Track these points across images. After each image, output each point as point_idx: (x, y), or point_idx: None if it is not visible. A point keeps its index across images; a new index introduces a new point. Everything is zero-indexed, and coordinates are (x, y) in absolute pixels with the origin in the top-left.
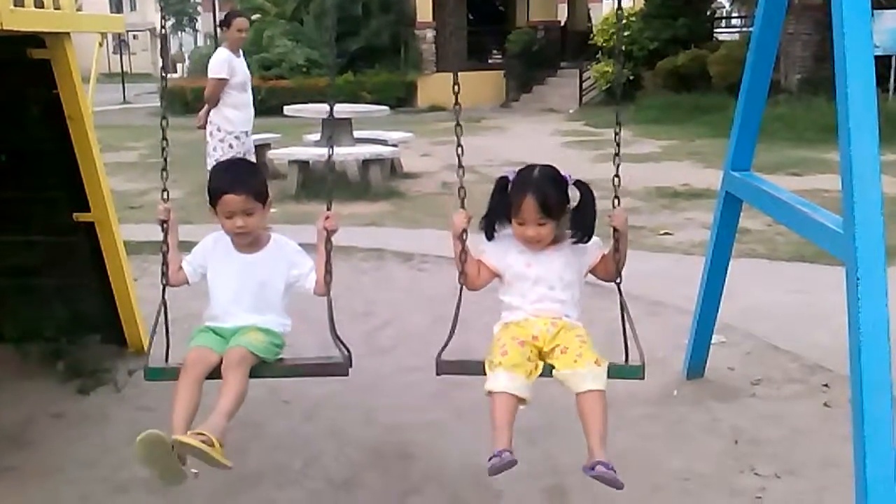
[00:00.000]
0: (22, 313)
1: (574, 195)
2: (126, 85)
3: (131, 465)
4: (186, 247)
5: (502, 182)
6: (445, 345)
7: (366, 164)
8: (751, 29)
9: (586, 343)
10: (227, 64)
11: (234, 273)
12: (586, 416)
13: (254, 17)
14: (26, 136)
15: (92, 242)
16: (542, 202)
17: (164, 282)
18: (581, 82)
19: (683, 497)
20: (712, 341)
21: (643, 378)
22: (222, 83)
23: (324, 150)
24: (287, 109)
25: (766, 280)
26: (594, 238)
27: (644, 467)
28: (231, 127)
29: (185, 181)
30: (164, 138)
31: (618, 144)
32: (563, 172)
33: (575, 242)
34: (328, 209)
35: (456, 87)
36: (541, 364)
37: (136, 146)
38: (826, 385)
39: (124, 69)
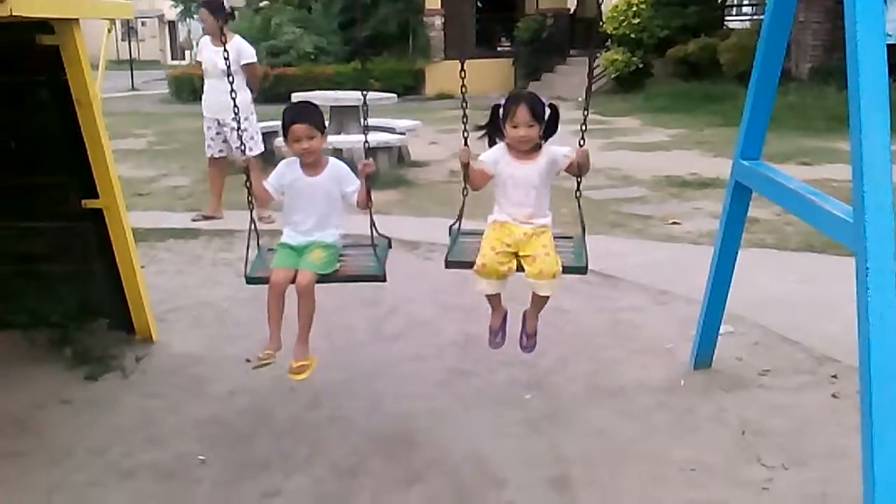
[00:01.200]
0: (30, 299)
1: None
2: (134, 72)
3: (139, 451)
4: (193, 233)
5: (496, 108)
6: (456, 224)
7: (373, 151)
8: (762, 17)
9: (549, 255)
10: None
11: (303, 192)
12: (534, 303)
13: (262, 3)
14: (35, 122)
15: (100, 229)
16: (532, 108)
17: (251, 206)
18: (590, 70)
19: (689, 487)
20: (720, 331)
21: (586, 273)
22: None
23: (331, 138)
24: (294, 97)
25: (775, 270)
26: (567, 148)
27: (650, 457)
28: (203, 110)
29: (194, 168)
30: (232, 89)
31: (587, 101)
32: (541, 97)
33: (543, 138)
34: (365, 158)
35: (463, 74)
36: (513, 266)
37: (144, 133)
38: (834, 376)
39: (133, 56)
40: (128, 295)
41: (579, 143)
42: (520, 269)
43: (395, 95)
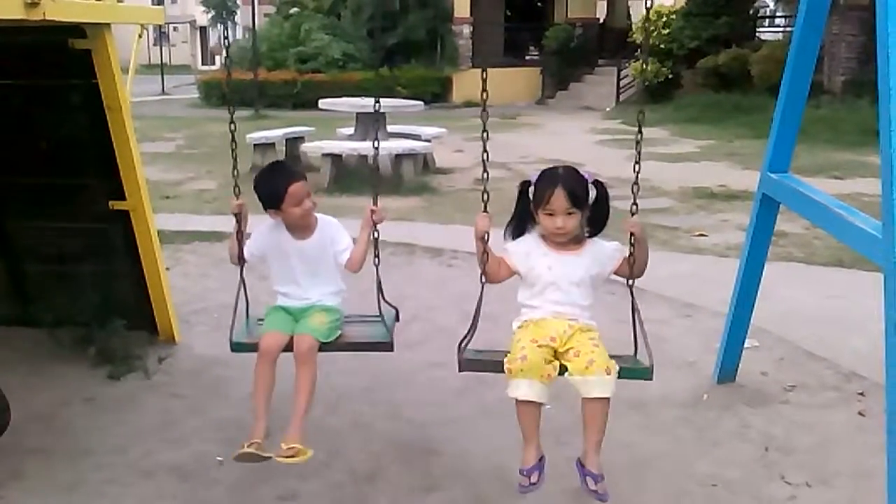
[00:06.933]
0: (57, 299)
1: (592, 193)
2: (165, 76)
3: (159, 451)
4: (218, 236)
5: (525, 186)
6: (466, 339)
7: (399, 158)
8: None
9: (599, 347)
10: None
11: (291, 259)
12: (588, 421)
13: (292, 10)
14: (66, 124)
15: (126, 230)
16: (571, 192)
17: (241, 263)
18: (619, 80)
19: (711, 502)
20: (745, 345)
21: (651, 379)
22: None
23: (357, 144)
24: (322, 103)
25: (803, 284)
26: (614, 244)
27: (672, 471)
28: None
29: (222, 173)
30: (233, 140)
31: (638, 153)
32: (582, 172)
33: (589, 236)
34: (374, 204)
35: (485, 95)
36: (557, 366)
37: (173, 137)
38: (861, 393)
39: (163, 61)
40: (152, 296)
41: (631, 211)
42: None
43: (421, 103)
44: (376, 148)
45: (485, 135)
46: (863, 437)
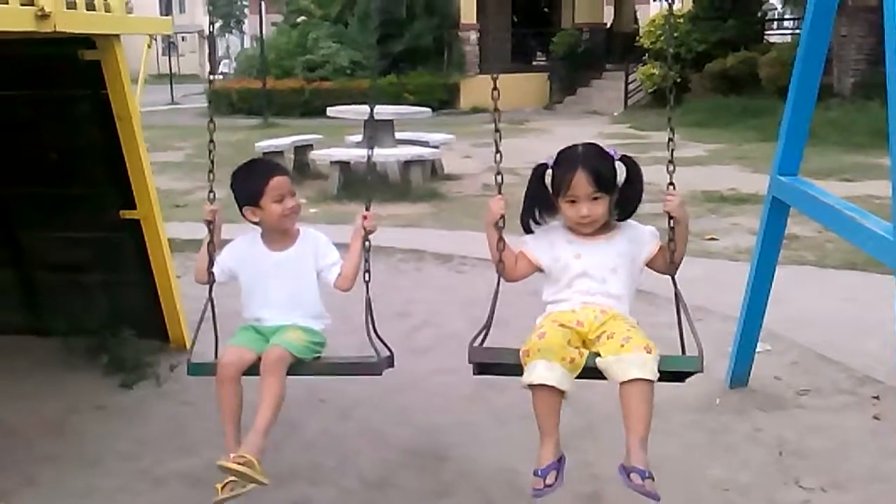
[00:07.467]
0: (69, 308)
1: (620, 172)
2: (174, 86)
3: (170, 458)
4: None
5: (541, 170)
6: (480, 334)
7: (407, 165)
8: None
9: (636, 328)
10: None
11: (268, 273)
12: (629, 410)
13: (299, 19)
14: (76, 134)
15: (137, 239)
16: (595, 174)
17: (210, 280)
18: (626, 85)
19: None
20: (757, 350)
21: (701, 370)
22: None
23: (365, 151)
24: (330, 111)
25: (815, 288)
26: (650, 228)
27: (684, 476)
28: None
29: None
30: (211, 140)
31: (671, 129)
32: (606, 148)
33: (617, 219)
34: (367, 209)
35: (496, 93)
36: (585, 353)
37: (183, 146)
38: (876, 397)
39: (172, 70)
40: (163, 304)
41: (667, 187)
42: (587, 375)
43: (429, 109)
44: (371, 149)
45: (496, 113)
46: (877, 440)
